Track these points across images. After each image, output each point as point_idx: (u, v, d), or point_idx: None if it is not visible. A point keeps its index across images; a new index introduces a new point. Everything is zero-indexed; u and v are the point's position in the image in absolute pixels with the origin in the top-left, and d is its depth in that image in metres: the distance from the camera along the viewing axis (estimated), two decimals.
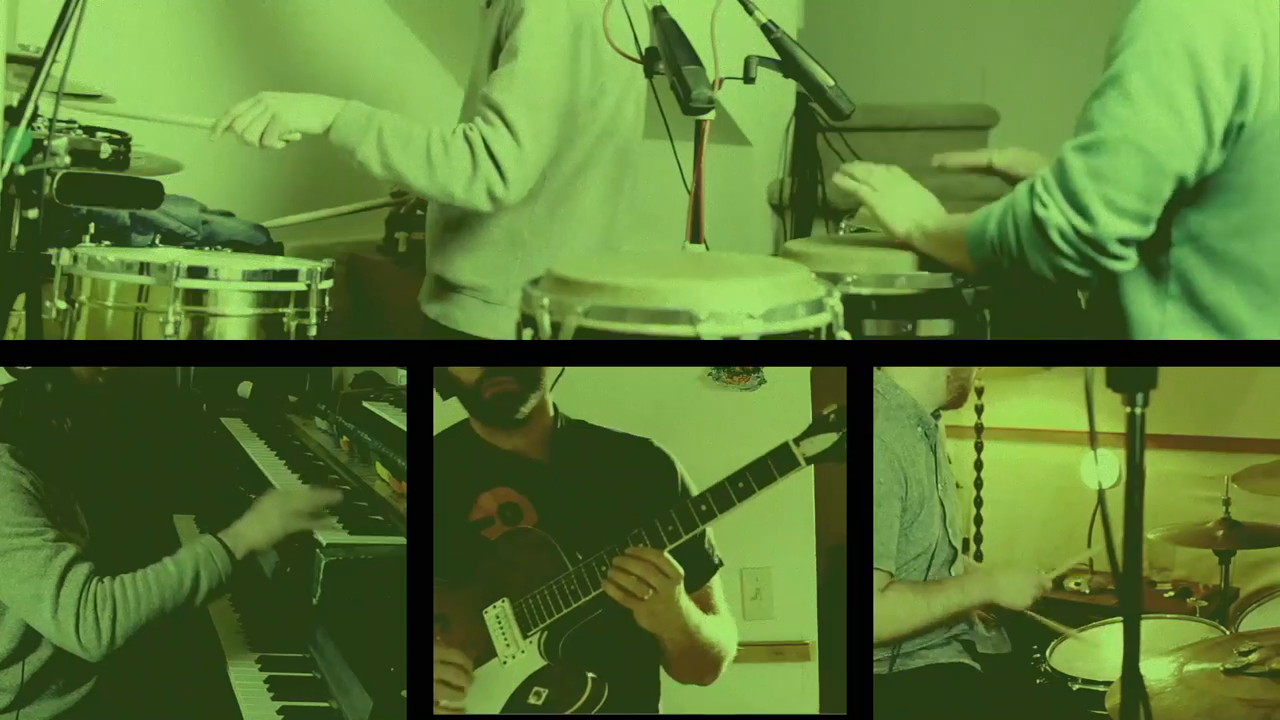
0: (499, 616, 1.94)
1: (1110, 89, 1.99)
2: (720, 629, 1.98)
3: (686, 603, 1.90)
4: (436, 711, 1.93)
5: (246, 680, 2.26)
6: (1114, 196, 1.97)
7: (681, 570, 1.86)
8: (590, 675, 1.92)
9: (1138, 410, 1.53)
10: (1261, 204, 2.01)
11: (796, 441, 1.85)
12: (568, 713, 1.91)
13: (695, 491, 1.94)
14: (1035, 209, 2.01)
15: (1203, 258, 2.04)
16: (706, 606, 1.98)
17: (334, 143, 2.59)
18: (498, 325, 2.73)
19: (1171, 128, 1.96)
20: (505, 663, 1.93)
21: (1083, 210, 1.98)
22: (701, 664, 1.96)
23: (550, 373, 2.02)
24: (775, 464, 1.86)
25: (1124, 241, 2.00)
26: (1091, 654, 2.39)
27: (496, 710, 1.93)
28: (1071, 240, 1.99)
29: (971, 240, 2.13)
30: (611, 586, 1.86)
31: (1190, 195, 2.02)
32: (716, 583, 2.00)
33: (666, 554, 1.86)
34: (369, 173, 2.59)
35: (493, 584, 1.95)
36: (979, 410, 3.11)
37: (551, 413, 2.03)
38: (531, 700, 1.92)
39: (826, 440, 1.86)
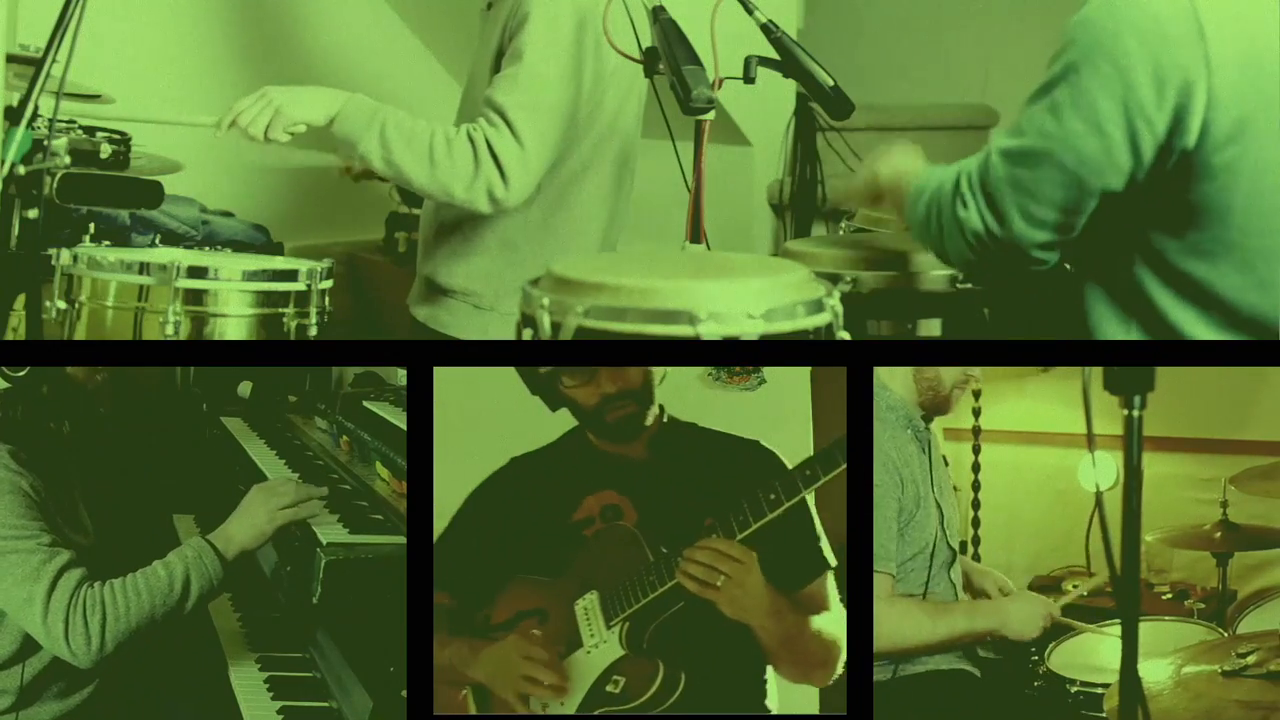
0: (587, 608, 1.96)
1: (1041, 98, 1.93)
2: (829, 623, 1.98)
3: (771, 590, 1.89)
4: (535, 711, 1.96)
5: (246, 680, 2.26)
6: (1032, 209, 1.94)
7: (754, 555, 1.86)
8: (662, 664, 1.92)
9: (1135, 412, 1.53)
10: (1218, 226, 1.93)
11: None
12: (641, 700, 1.93)
13: None
14: (956, 208, 1.99)
15: (1163, 279, 1.98)
16: (819, 604, 1.97)
17: (337, 135, 2.59)
18: (487, 330, 2.72)
19: (1096, 147, 1.89)
20: (589, 652, 1.95)
21: (1000, 217, 1.95)
22: (806, 656, 1.95)
23: (657, 377, 2.02)
24: (840, 449, 1.86)
25: (1044, 246, 1.97)
26: (1089, 657, 2.39)
27: (580, 697, 1.95)
28: (986, 243, 1.97)
29: (907, 209, 2.12)
30: (684, 577, 1.87)
31: (1149, 214, 1.96)
32: (829, 581, 1.99)
33: (736, 541, 1.87)
34: (371, 166, 2.59)
35: (586, 578, 1.97)
36: (976, 413, 3.11)
37: (660, 415, 2.05)
38: (609, 689, 1.94)
39: None
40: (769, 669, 2.01)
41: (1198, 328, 1.98)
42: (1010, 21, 5.13)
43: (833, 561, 1.99)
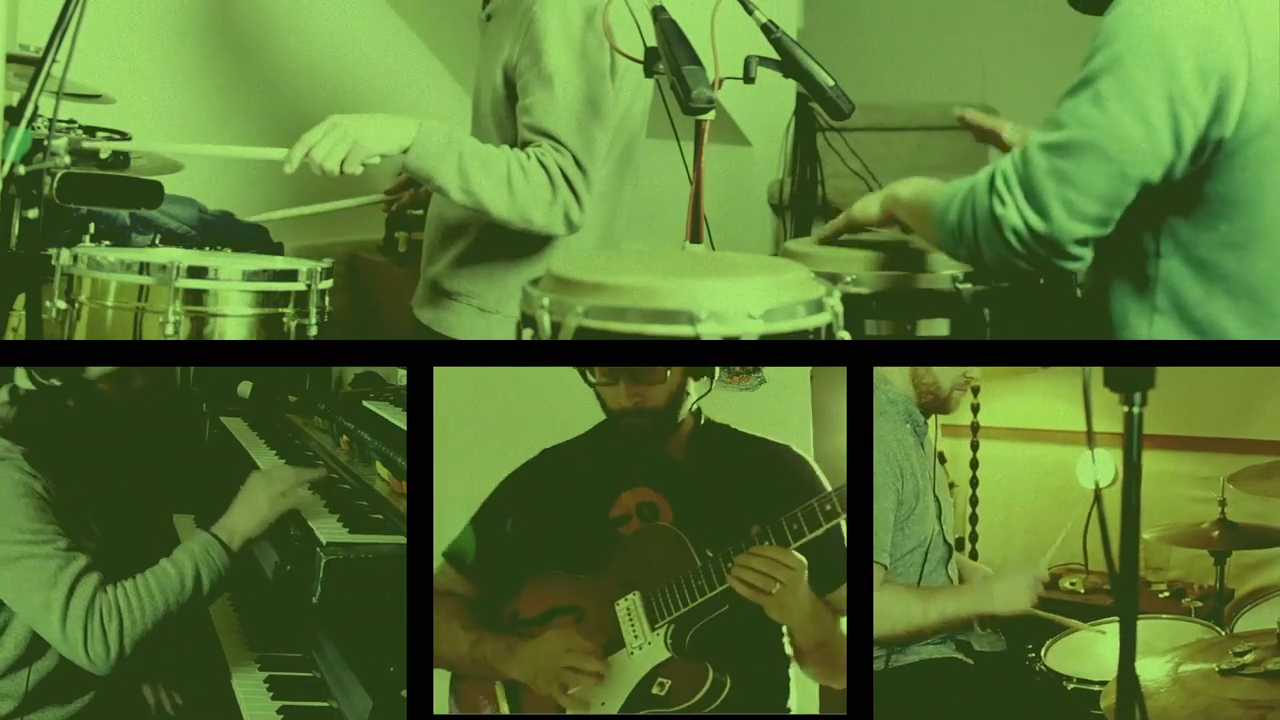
0: (629, 609, 1.97)
1: (1082, 90, 1.95)
2: None
3: (814, 596, 1.92)
4: (568, 698, 1.97)
5: (246, 680, 2.26)
6: (1074, 200, 1.94)
7: (805, 561, 1.89)
8: (710, 668, 1.94)
9: (1135, 410, 1.53)
10: (1249, 216, 1.98)
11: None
12: (689, 703, 1.94)
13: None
14: (994, 206, 1.98)
15: (1192, 270, 2.01)
16: (844, 607, 1.99)
17: (411, 165, 2.52)
18: (490, 333, 2.72)
19: (1140, 135, 1.92)
20: (632, 654, 1.96)
21: (1041, 210, 1.95)
22: (835, 657, 1.97)
23: (694, 384, 2.04)
24: None
25: (1081, 242, 1.97)
26: (1086, 653, 2.39)
27: (622, 699, 1.96)
28: (1026, 240, 1.96)
29: (935, 220, 2.10)
30: (738, 583, 1.89)
31: (1178, 206, 2.00)
32: None
33: (792, 550, 1.89)
34: (447, 196, 2.55)
35: (626, 578, 1.98)
36: (975, 409, 3.12)
37: (695, 414, 2.06)
38: (655, 691, 1.95)
39: None
40: (792, 668, 2.02)
41: (1228, 319, 2.00)
42: (1010, 21, 5.13)
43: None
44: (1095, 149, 1.93)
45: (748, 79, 2.37)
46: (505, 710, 2.02)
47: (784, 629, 1.98)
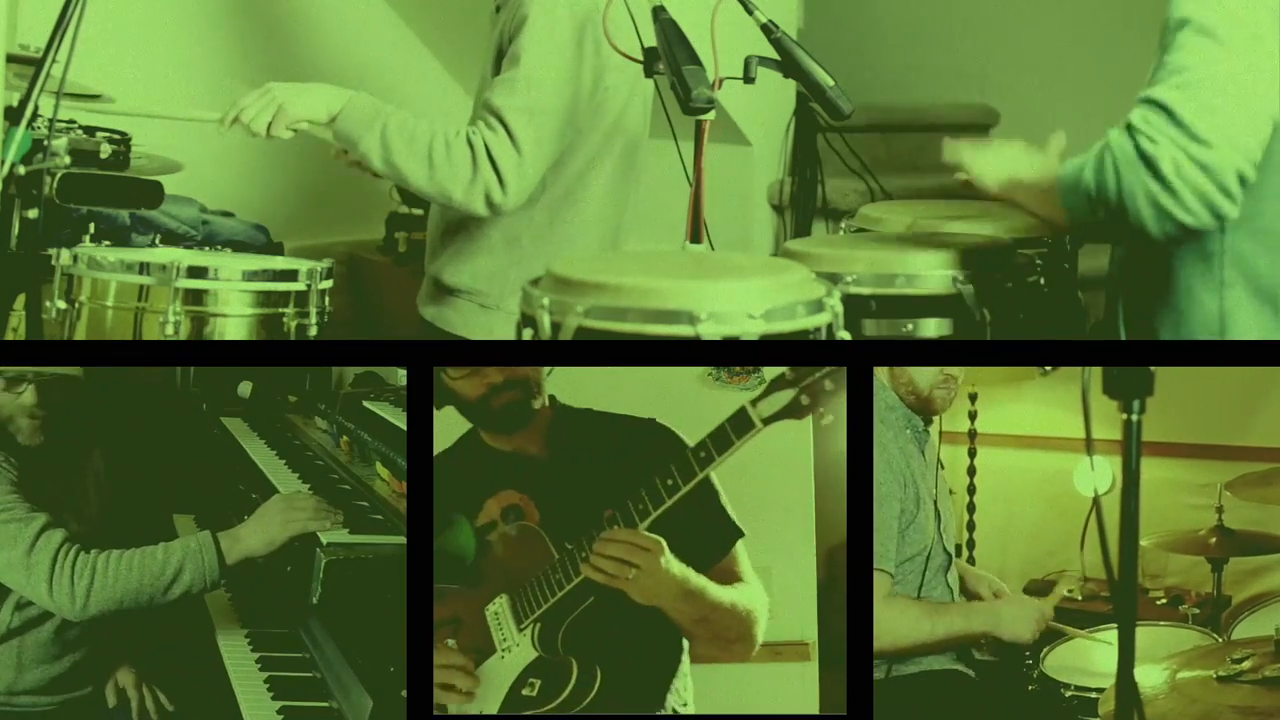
0: (497, 612, 1.95)
1: (1191, 35, 1.91)
2: (744, 595, 1.94)
3: (680, 569, 1.86)
4: (445, 714, 1.94)
5: (246, 680, 2.26)
6: (1227, 127, 1.88)
7: (661, 540, 1.84)
8: (575, 663, 1.90)
9: (1134, 416, 1.53)
10: None
11: (753, 403, 1.81)
12: (557, 701, 1.90)
13: None
14: (1142, 145, 1.89)
15: (1259, 240, 1.99)
16: (731, 576, 1.95)
17: (338, 133, 2.58)
18: (493, 329, 2.72)
19: (1261, 58, 1.90)
20: (503, 657, 1.94)
21: (1199, 139, 1.87)
22: (722, 632, 1.92)
23: (544, 372, 2.01)
24: (733, 428, 1.82)
25: (1240, 180, 1.89)
26: (1084, 661, 2.40)
27: (497, 704, 1.93)
28: (1187, 173, 1.87)
29: (1065, 189, 2.02)
30: (593, 571, 1.85)
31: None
32: (740, 551, 1.97)
33: (642, 529, 1.84)
34: (369, 166, 2.59)
35: (494, 582, 1.96)
36: (972, 416, 3.11)
37: (549, 406, 2.02)
38: (525, 692, 1.92)
39: (783, 398, 1.80)
40: (685, 661, 1.98)
41: None
42: (1010, 21, 5.13)
43: (742, 530, 1.96)
44: (1233, 80, 1.90)
45: (748, 79, 2.37)
46: None
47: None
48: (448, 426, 2.03)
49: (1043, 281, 2.37)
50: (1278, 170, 1.96)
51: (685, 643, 1.97)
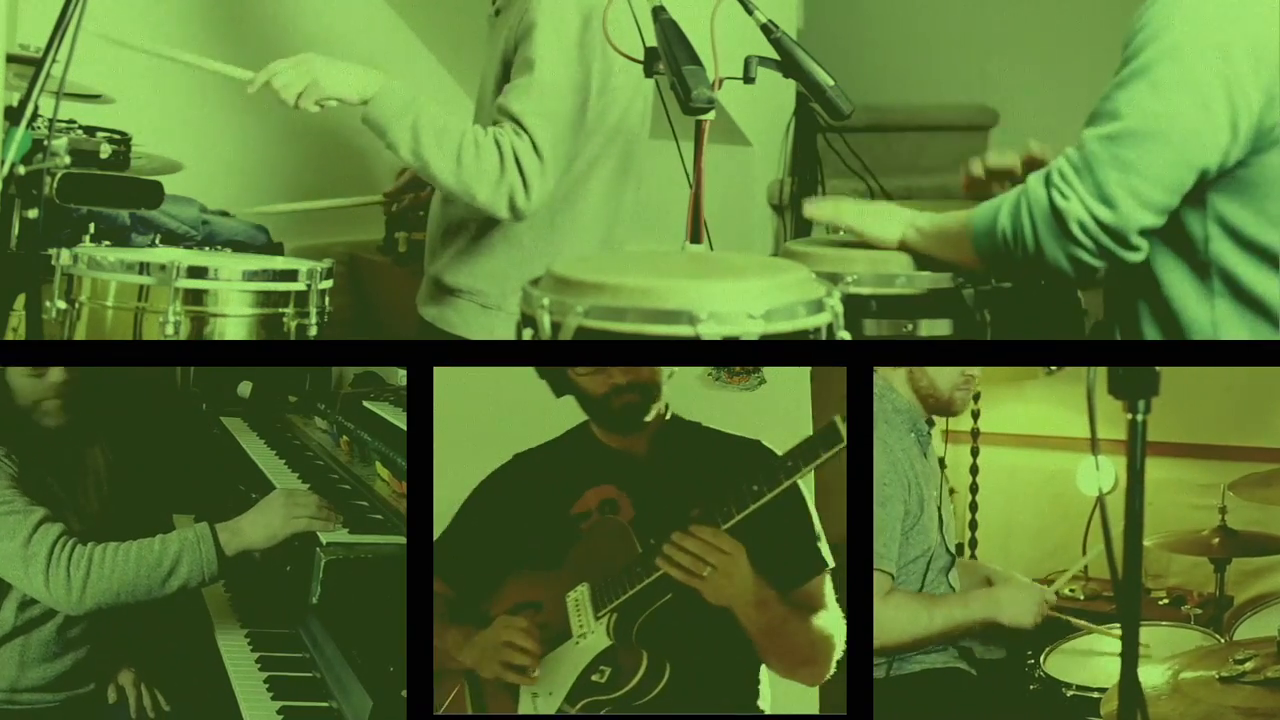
0: (577, 600, 1.98)
1: (1137, 80, 1.97)
2: (826, 622, 1.98)
3: (758, 580, 1.89)
4: (508, 680, 1.97)
5: (246, 680, 2.26)
6: (1139, 187, 1.96)
7: (740, 545, 1.87)
8: (646, 655, 1.93)
9: (1139, 416, 1.53)
10: None
11: (843, 418, 1.85)
12: (624, 689, 1.93)
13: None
14: (1054, 199, 1.99)
15: (1243, 251, 2.03)
16: (815, 603, 1.98)
17: (368, 118, 2.56)
18: (493, 329, 2.72)
19: (1199, 122, 1.95)
20: (578, 642, 1.96)
21: (1107, 200, 1.97)
22: (793, 650, 1.95)
23: (664, 376, 2.04)
24: (821, 441, 1.86)
25: (1144, 232, 1.99)
26: (1085, 661, 2.39)
27: (567, 687, 1.96)
28: (1092, 231, 1.98)
29: (980, 234, 2.11)
30: (668, 564, 1.88)
31: (1224, 190, 2.02)
32: (826, 582, 2.00)
33: (723, 530, 1.87)
34: (397, 155, 2.57)
35: (579, 572, 1.98)
36: (975, 415, 3.11)
37: (663, 413, 2.05)
38: (595, 678, 1.95)
39: None
40: (762, 667, 2.00)
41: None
42: (1009, 21, 5.13)
43: (830, 562, 1.99)
44: (1158, 137, 1.96)
45: (748, 79, 2.37)
46: (469, 700, 2.02)
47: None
48: (562, 416, 2.06)
49: (1043, 281, 2.37)
50: (1256, 185, 2.00)
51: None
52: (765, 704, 2.02)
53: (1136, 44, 1.99)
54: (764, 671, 2.01)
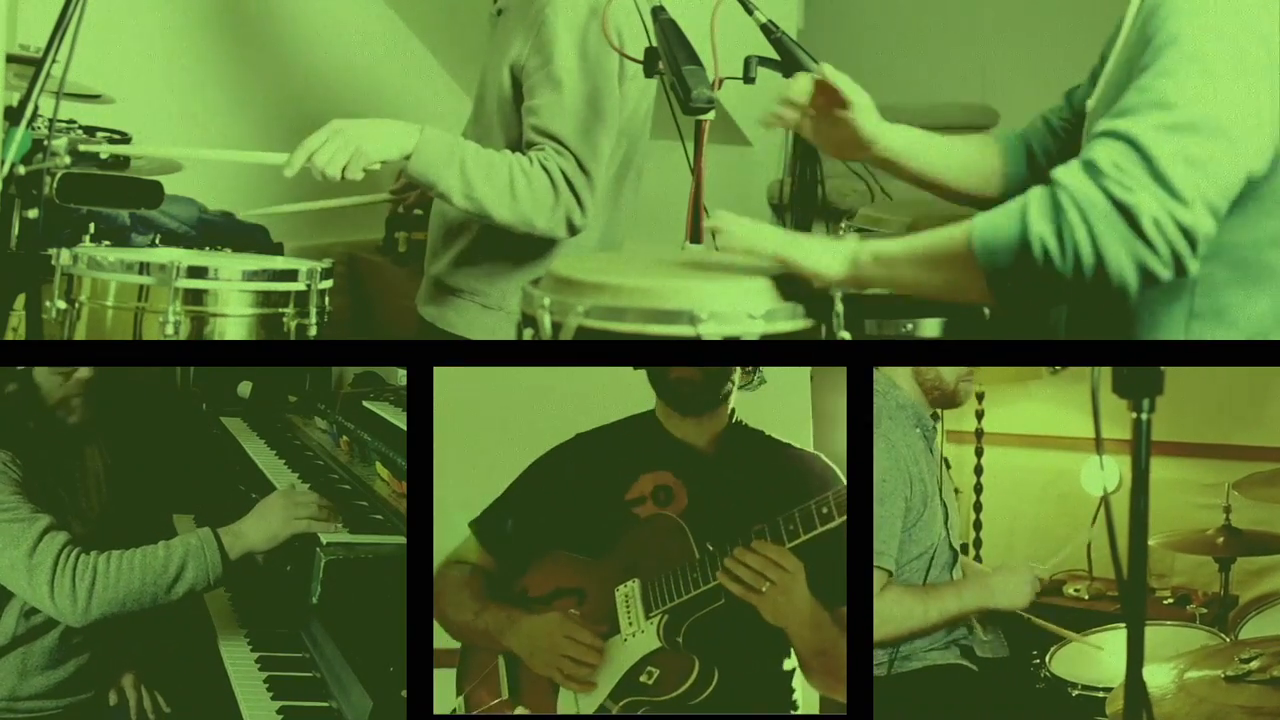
0: (627, 595, 1.98)
1: (1181, 61, 1.68)
2: None
3: (815, 602, 1.90)
4: (564, 686, 1.97)
5: (246, 680, 2.26)
6: (1207, 189, 1.65)
7: (801, 564, 1.87)
8: (698, 661, 1.93)
9: (1144, 416, 1.52)
10: None
11: None
12: (674, 694, 1.94)
13: None
14: (1116, 194, 1.64)
15: (1231, 271, 1.82)
16: None
17: (414, 172, 2.53)
18: (493, 329, 2.72)
19: (1253, 118, 1.69)
20: (626, 640, 1.96)
21: (1180, 197, 1.64)
22: (837, 670, 1.95)
23: (735, 379, 2.05)
24: None
25: (1205, 241, 1.69)
26: (1091, 660, 2.39)
27: (612, 684, 1.96)
28: (1169, 232, 1.64)
29: (993, 249, 1.72)
30: (728, 578, 1.88)
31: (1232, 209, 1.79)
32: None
33: (787, 549, 1.88)
34: (449, 203, 2.55)
35: (628, 564, 1.98)
36: (979, 415, 3.11)
37: (729, 415, 2.06)
38: (642, 679, 1.95)
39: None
40: (798, 677, 2.01)
41: (1269, 321, 1.84)
42: (1010, 22, 5.13)
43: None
44: (1218, 128, 1.67)
45: (748, 79, 2.37)
46: (505, 682, 2.03)
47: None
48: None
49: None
50: (1254, 201, 1.79)
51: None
52: (799, 706, 2.02)
53: (1165, 24, 1.72)
54: (798, 678, 2.01)
